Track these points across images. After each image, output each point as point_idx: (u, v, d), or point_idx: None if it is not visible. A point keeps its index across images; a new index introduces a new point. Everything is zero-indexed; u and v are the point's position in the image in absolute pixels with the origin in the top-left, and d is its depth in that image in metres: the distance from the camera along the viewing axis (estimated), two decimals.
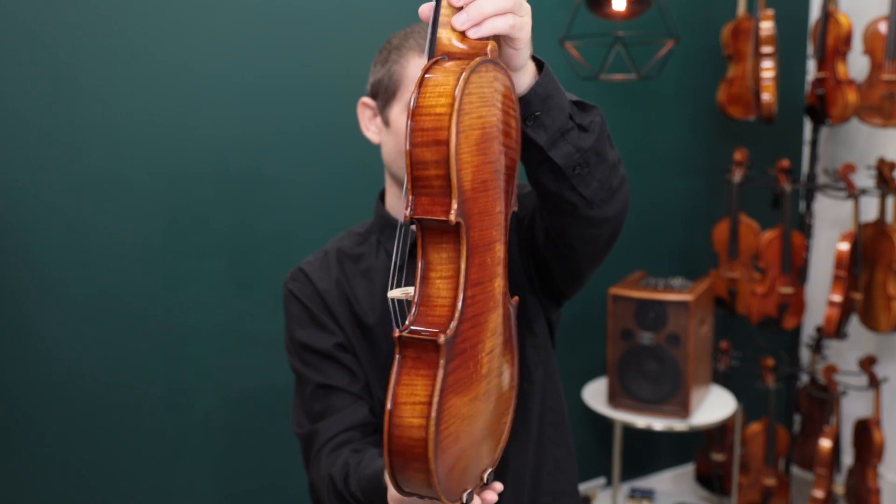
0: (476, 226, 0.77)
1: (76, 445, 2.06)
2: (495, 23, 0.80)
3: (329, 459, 1.15)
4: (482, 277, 0.79)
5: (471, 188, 0.76)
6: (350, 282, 1.25)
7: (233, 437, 2.25)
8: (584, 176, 0.95)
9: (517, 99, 0.85)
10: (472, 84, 0.75)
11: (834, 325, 2.54)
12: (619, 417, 2.45)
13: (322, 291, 1.24)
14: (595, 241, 1.07)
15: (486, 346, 0.80)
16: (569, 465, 1.35)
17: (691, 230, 2.95)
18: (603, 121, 0.96)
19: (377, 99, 1.21)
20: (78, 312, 2.02)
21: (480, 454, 0.83)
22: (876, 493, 2.63)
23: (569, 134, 0.92)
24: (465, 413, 0.78)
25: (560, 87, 0.92)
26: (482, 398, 0.81)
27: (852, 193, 2.56)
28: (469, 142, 0.75)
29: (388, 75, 1.17)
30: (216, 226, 2.15)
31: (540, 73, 0.90)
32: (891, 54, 2.45)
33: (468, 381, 0.77)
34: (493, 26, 0.79)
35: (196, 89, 2.08)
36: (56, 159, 1.96)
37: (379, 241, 1.26)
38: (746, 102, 2.67)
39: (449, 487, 0.76)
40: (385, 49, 1.20)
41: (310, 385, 1.22)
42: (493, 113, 0.79)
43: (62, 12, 1.91)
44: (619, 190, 1.01)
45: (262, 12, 2.12)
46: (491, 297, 0.81)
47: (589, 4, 2.30)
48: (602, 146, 0.95)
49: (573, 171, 0.94)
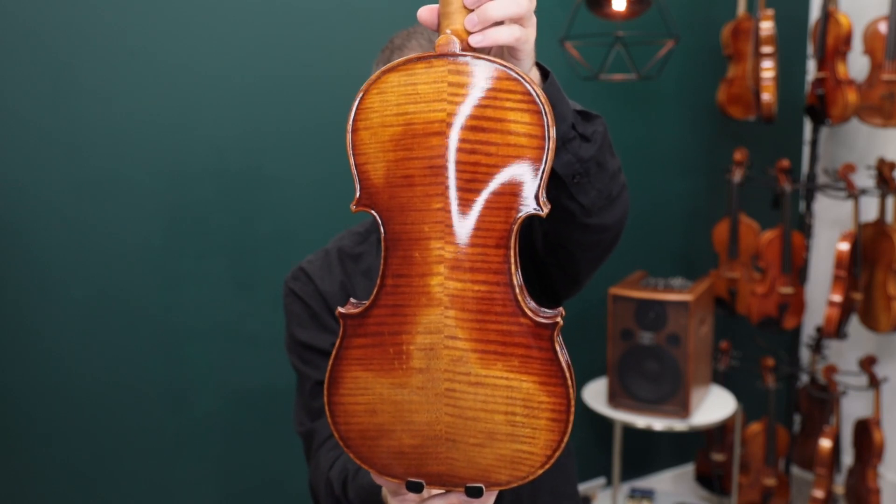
0: (396, 219, 0.81)
1: (76, 445, 2.06)
2: (500, 34, 0.78)
3: (327, 458, 1.16)
4: (406, 271, 0.81)
5: (384, 182, 0.81)
6: (352, 281, 1.25)
7: (233, 437, 2.26)
8: (584, 185, 0.94)
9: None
10: (390, 83, 0.78)
11: (834, 325, 2.54)
12: (619, 417, 2.45)
13: (324, 292, 1.24)
14: (594, 247, 1.07)
15: (413, 339, 0.82)
16: (568, 465, 1.35)
17: (691, 230, 2.95)
18: (605, 130, 0.95)
19: None
20: (78, 312, 2.02)
21: (428, 450, 0.84)
22: (876, 493, 2.63)
23: (570, 143, 0.91)
24: (385, 394, 0.84)
25: (564, 97, 0.91)
26: (416, 391, 0.83)
27: (852, 193, 2.56)
28: (379, 138, 0.80)
29: None
30: (216, 226, 2.15)
31: (545, 82, 0.89)
32: (891, 54, 2.45)
33: (384, 363, 0.83)
34: (497, 37, 0.78)
35: (196, 89, 2.08)
36: (56, 159, 1.96)
37: (378, 240, 1.26)
38: (746, 102, 2.67)
39: (379, 461, 0.86)
40: (387, 49, 1.20)
41: (309, 382, 1.23)
42: (431, 109, 0.78)
43: (62, 12, 1.91)
44: (618, 198, 1.01)
45: (262, 12, 2.12)
46: (422, 294, 0.81)
47: (589, 4, 2.30)
48: (603, 156, 0.95)
49: (572, 180, 0.93)
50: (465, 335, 0.82)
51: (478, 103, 0.77)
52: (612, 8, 2.26)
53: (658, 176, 2.83)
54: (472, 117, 0.78)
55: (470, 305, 0.81)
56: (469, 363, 0.82)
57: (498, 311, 0.80)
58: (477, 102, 0.77)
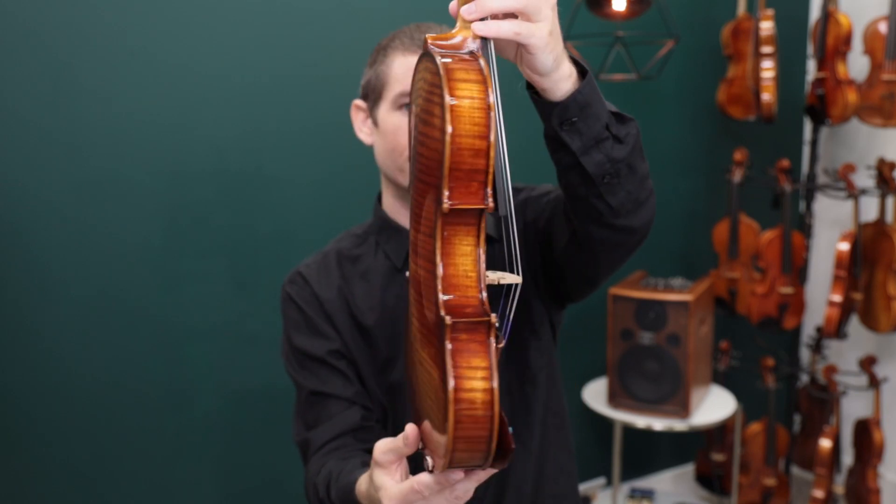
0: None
1: (76, 445, 2.06)
2: (500, 27, 0.79)
3: (317, 465, 1.16)
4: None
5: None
6: (349, 284, 1.25)
7: (233, 437, 2.26)
8: (613, 185, 0.95)
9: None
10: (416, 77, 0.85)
11: (834, 325, 2.54)
12: (619, 417, 2.45)
13: (321, 297, 1.24)
14: (618, 248, 1.07)
15: (409, 313, 0.91)
16: (571, 468, 1.35)
17: (691, 230, 2.95)
18: (638, 133, 0.96)
19: (367, 100, 1.23)
20: (78, 312, 2.02)
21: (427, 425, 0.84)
22: (876, 493, 2.63)
23: (603, 143, 0.92)
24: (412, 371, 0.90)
25: (600, 97, 0.91)
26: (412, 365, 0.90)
27: (852, 193, 2.56)
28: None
29: (376, 76, 1.19)
30: (216, 226, 2.15)
31: (582, 80, 0.89)
32: (891, 54, 2.45)
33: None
34: (499, 30, 0.79)
35: (196, 89, 2.08)
36: (56, 159, 1.96)
37: (378, 242, 1.26)
38: (746, 102, 2.67)
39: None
40: (375, 51, 1.23)
41: (304, 392, 1.23)
42: (413, 103, 0.84)
43: (62, 12, 1.91)
44: (645, 202, 1.01)
45: (262, 12, 2.12)
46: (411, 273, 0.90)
47: (589, 4, 2.30)
48: (634, 159, 0.96)
49: (602, 180, 0.94)
50: (415, 313, 0.86)
51: (425, 97, 0.80)
52: (612, 8, 2.26)
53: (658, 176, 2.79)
54: (422, 110, 0.81)
55: (416, 287, 0.85)
56: (416, 340, 0.86)
57: (428, 296, 0.81)
58: (425, 96, 0.80)
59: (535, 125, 0.97)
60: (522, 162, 1.36)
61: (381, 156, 1.21)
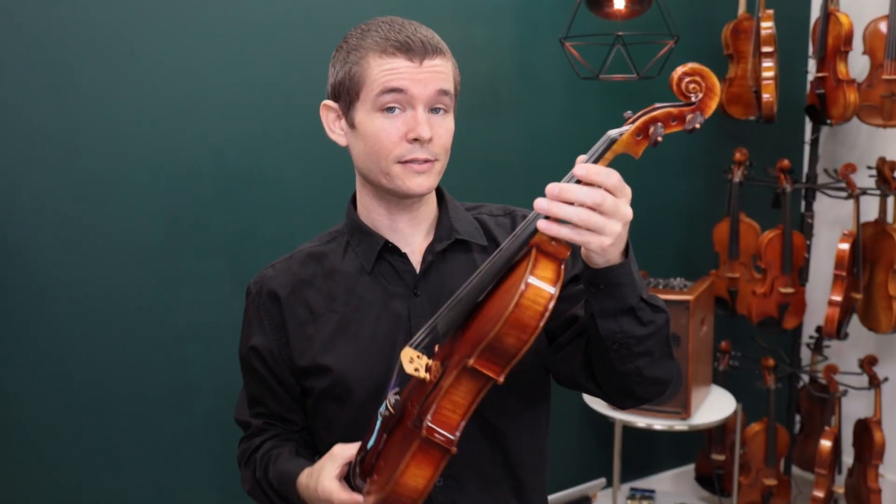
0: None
1: (76, 445, 2.06)
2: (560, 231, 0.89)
3: (259, 439, 1.36)
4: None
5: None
6: (311, 282, 1.24)
7: (233, 437, 2.25)
8: (623, 356, 0.99)
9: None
10: None
11: (834, 325, 2.54)
12: (619, 417, 2.45)
13: (274, 294, 1.26)
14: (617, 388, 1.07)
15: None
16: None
17: (691, 230, 2.95)
18: (666, 324, 1.00)
19: (339, 101, 1.20)
20: (77, 313, 2.02)
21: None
22: (876, 493, 2.62)
23: (622, 318, 0.96)
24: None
25: (634, 280, 0.96)
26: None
27: (853, 193, 2.56)
28: None
29: (349, 77, 1.16)
30: (216, 226, 2.15)
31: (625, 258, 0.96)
32: (891, 54, 2.44)
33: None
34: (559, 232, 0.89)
35: (196, 90, 2.08)
36: (56, 160, 1.96)
37: (349, 242, 1.24)
38: (747, 102, 2.67)
39: None
40: (342, 49, 1.20)
41: (250, 392, 1.40)
42: None
43: (62, 12, 1.91)
44: (657, 382, 1.04)
45: (262, 14, 2.12)
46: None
47: (589, 4, 2.30)
48: (654, 345, 0.99)
49: (612, 346, 0.98)
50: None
51: None
52: (612, 7, 2.26)
53: (658, 176, 2.83)
54: None
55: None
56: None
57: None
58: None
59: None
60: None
61: (360, 158, 1.19)
